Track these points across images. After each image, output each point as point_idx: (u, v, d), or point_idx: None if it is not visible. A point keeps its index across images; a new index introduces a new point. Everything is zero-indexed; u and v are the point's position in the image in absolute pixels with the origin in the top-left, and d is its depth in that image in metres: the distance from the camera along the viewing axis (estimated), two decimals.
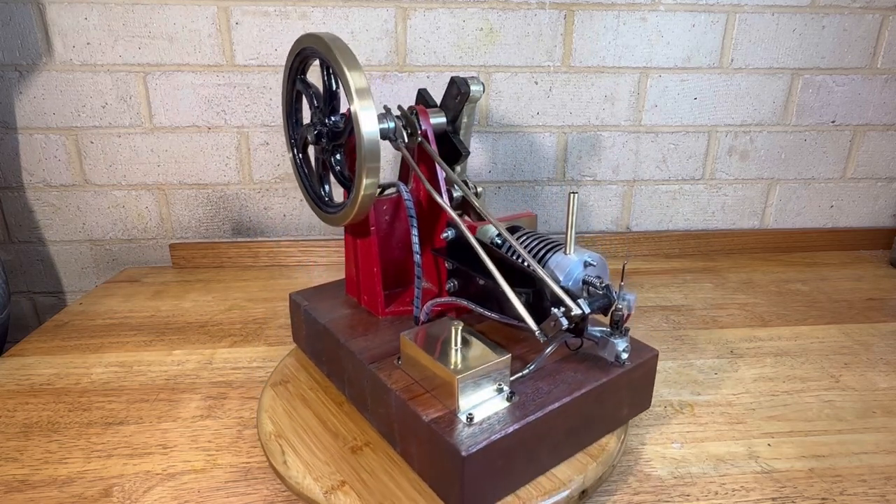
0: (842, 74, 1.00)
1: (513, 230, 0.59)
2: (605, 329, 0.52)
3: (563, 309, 0.47)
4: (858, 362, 0.72)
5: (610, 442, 0.53)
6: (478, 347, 0.49)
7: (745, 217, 1.09)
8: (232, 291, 0.91)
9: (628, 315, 0.49)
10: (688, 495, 0.51)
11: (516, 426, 0.45)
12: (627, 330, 0.51)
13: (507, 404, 0.47)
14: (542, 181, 1.02)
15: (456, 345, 0.48)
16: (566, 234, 0.52)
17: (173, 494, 0.51)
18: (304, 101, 0.61)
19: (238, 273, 0.98)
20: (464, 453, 0.43)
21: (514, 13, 0.92)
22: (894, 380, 0.69)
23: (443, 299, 0.58)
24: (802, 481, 0.53)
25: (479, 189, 0.64)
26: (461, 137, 0.63)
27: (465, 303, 0.55)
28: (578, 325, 0.48)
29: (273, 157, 0.98)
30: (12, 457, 0.55)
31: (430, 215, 0.63)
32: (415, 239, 0.59)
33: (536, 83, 0.96)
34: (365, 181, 0.53)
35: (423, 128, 0.61)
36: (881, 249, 1.10)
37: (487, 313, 0.53)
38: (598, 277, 0.51)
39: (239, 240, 1.02)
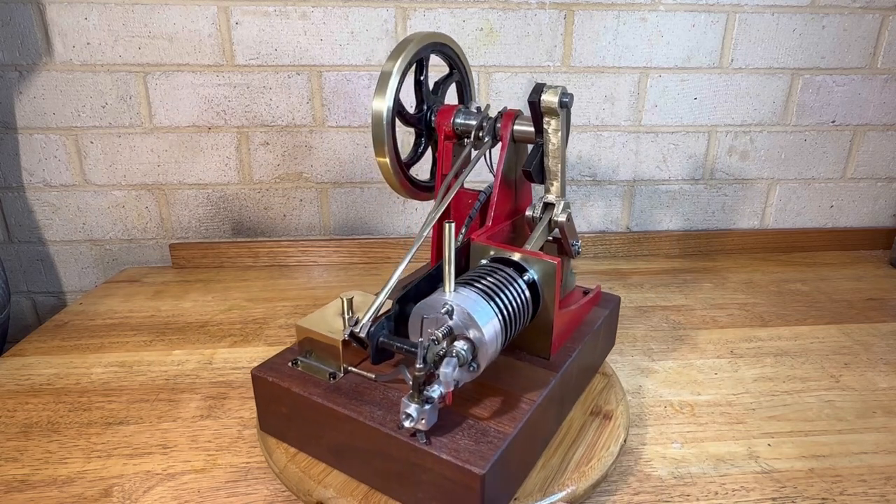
0: (842, 74, 1.00)
1: (500, 260, 0.52)
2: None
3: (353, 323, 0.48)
4: (858, 362, 0.72)
5: None
6: (342, 323, 0.51)
7: (745, 217, 1.09)
8: (232, 291, 0.91)
9: (446, 395, 0.40)
10: (688, 495, 0.51)
11: (296, 390, 0.49)
12: (427, 399, 0.41)
13: (323, 378, 0.51)
14: None
15: (347, 313, 0.51)
16: (445, 268, 0.43)
17: (173, 494, 0.51)
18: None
19: (238, 273, 0.98)
20: (253, 371, 0.51)
21: (514, 13, 0.92)
22: (894, 380, 0.69)
23: None
24: (802, 481, 0.53)
25: (562, 217, 0.56)
26: (546, 150, 0.55)
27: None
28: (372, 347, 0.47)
29: (273, 157, 0.97)
30: (12, 457, 0.55)
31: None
32: (458, 231, 0.60)
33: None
34: (376, 157, 0.58)
35: (500, 133, 0.57)
36: (881, 249, 1.10)
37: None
38: (466, 340, 0.43)
39: (239, 240, 1.02)
